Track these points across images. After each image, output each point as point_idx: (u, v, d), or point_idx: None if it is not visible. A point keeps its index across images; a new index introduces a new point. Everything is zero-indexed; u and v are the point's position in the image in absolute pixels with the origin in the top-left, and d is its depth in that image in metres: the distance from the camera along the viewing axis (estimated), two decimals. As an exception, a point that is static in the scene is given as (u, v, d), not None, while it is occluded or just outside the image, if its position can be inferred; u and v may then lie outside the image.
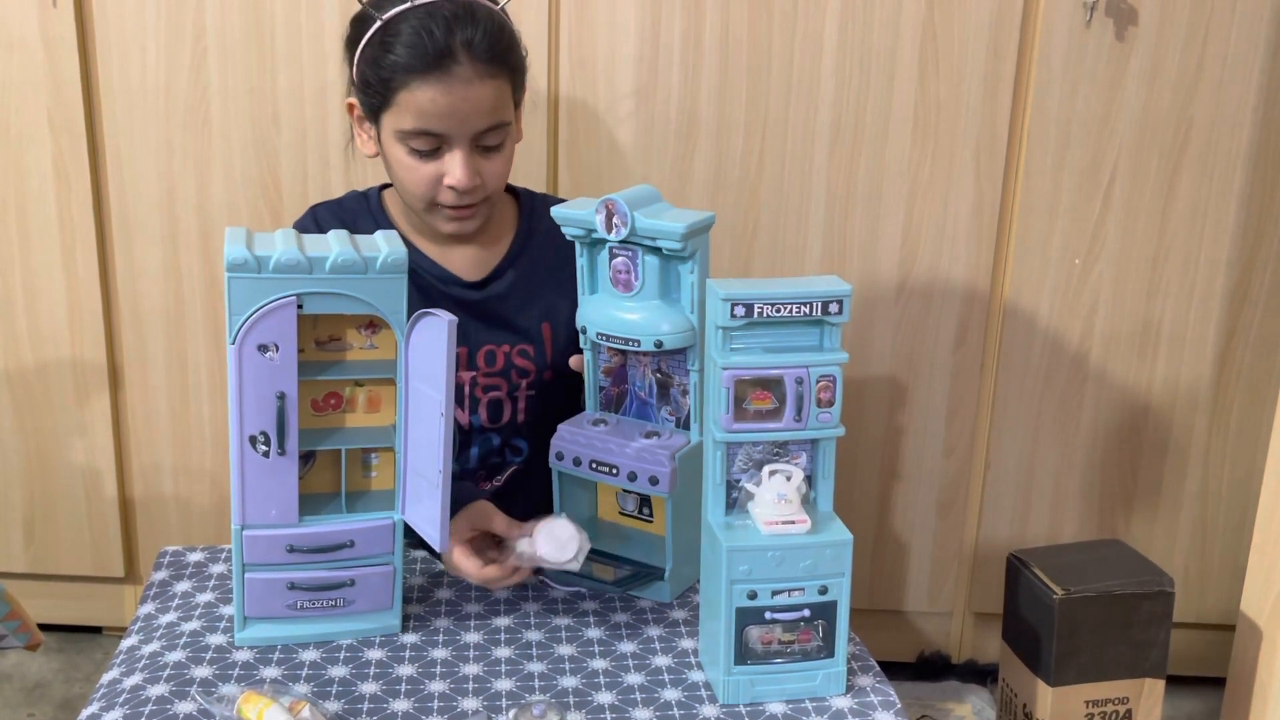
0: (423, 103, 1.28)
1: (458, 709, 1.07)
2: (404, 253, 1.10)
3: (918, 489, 1.91)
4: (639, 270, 1.21)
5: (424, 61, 1.27)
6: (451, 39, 1.27)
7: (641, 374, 1.28)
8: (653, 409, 1.29)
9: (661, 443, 1.22)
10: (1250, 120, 1.73)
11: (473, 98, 1.29)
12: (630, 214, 1.18)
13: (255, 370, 1.08)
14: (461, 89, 1.28)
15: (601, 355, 1.30)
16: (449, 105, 1.28)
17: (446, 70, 1.27)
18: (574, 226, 1.23)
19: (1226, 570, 1.91)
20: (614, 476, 1.23)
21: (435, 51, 1.26)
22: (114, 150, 1.78)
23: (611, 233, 1.20)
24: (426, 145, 1.31)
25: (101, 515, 1.93)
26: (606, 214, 1.19)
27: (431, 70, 1.27)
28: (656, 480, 1.20)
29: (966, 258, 1.80)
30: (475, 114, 1.30)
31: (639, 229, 1.18)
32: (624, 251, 1.22)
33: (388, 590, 1.17)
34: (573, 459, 1.25)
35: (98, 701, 1.08)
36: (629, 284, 1.22)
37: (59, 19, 1.72)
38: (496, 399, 1.47)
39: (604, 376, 1.30)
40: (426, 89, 1.28)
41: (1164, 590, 1.34)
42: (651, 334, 1.20)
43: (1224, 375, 1.84)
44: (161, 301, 1.83)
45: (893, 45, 1.71)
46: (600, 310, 1.24)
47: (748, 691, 1.10)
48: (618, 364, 1.29)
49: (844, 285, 1.07)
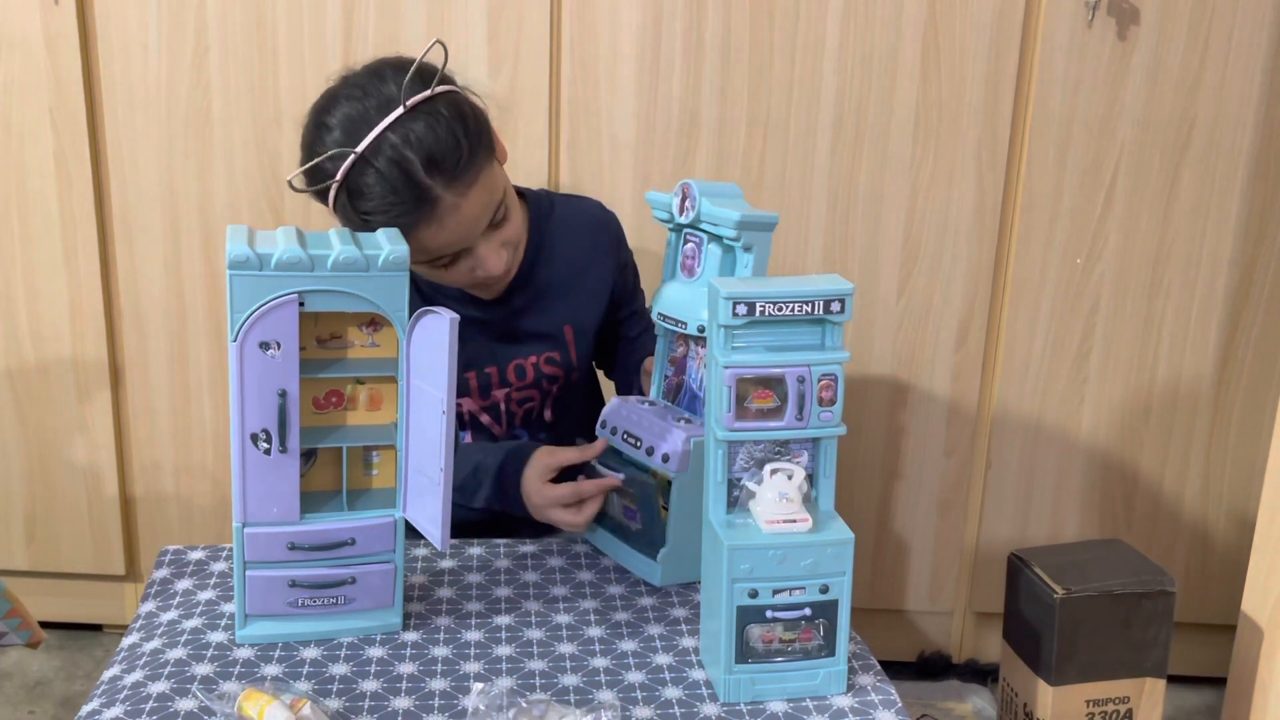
0: (424, 241, 1.25)
1: (458, 707, 1.07)
2: (405, 250, 1.10)
3: (919, 488, 1.91)
4: (702, 256, 1.26)
5: (405, 211, 1.22)
6: (420, 178, 1.21)
7: (697, 366, 1.29)
8: (701, 403, 1.29)
9: (687, 428, 1.24)
10: (1252, 120, 1.73)
11: (468, 213, 1.26)
12: (699, 198, 1.22)
13: (257, 368, 1.08)
14: (453, 216, 1.24)
15: (672, 344, 1.32)
16: (450, 231, 1.26)
17: (432, 209, 1.23)
18: (661, 210, 1.30)
19: (1227, 570, 1.91)
20: (636, 448, 1.26)
21: (413, 200, 1.21)
22: (115, 149, 1.78)
23: (683, 215, 1.25)
24: (447, 259, 1.30)
25: (102, 513, 1.93)
26: (682, 196, 1.25)
27: (416, 215, 1.23)
28: (668, 457, 1.22)
29: (968, 257, 1.80)
30: (477, 221, 1.28)
31: (703, 214, 1.22)
32: (694, 237, 1.27)
33: (389, 588, 1.17)
34: (611, 429, 1.30)
35: (98, 698, 1.08)
36: (692, 269, 1.27)
37: (61, 17, 1.72)
38: (531, 408, 1.48)
39: (670, 365, 1.33)
40: (421, 230, 1.24)
41: (1165, 590, 1.33)
42: (696, 318, 1.23)
43: (1225, 375, 1.84)
44: (163, 299, 1.84)
45: (894, 44, 1.71)
46: (668, 292, 1.30)
47: (748, 690, 1.09)
48: (682, 354, 1.31)
49: (846, 284, 1.07)
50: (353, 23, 1.72)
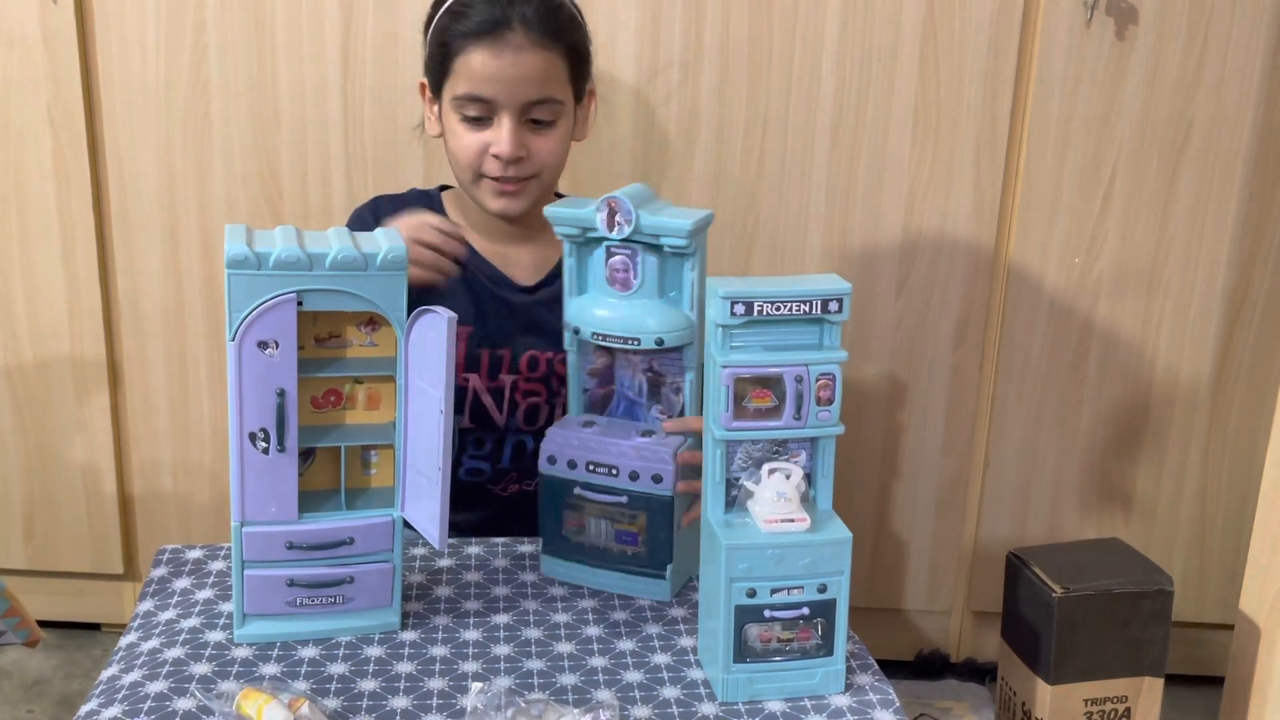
0: (474, 67, 1.34)
1: (456, 706, 1.07)
2: (404, 249, 1.10)
3: (917, 487, 1.91)
4: (638, 268, 1.21)
5: (480, 27, 1.34)
6: (510, 10, 1.34)
7: (631, 374, 1.28)
8: (642, 408, 1.28)
9: (659, 440, 1.22)
10: (1250, 120, 1.73)
11: (523, 64, 1.34)
12: (635, 212, 1.18)
13: (255, 367, 1.08)
14: (511, 55, 1.34)
15: (587, 357, 1.29)
16: (498, 69, 1.34)
17: (499, 36, 1.34)
18: (569, 226, 1.23)
19: (1225, 569, 1.91)
20: (614, 477, 1.22)
21: (491, 19, 1.34)
22: (114, 147, 1.78)
23: (614, 231, 1.20)
24: (476, 111, 1.36)
25: (101, 512, 1.93)
26: (609, 212, 1.20)
27: (485, 35, 1.34)
28: (660, 478, 1.20)
29: (966, 256, 1.80)
30: (523, 81, 1.35)
31: (643, 227, 1.18)
32: (623, 250, 1.21)
33: (387, 587, 1.17)
34: (567, 462, 1.23)
35: (96, 698, 1.08)
36: (627, 282, 1.22)
37: (59, 15, 1.72)
38: (535, 404, 1.47)
39: (589, 378, 1.30)
40: (479, 53, 1.34)
41: (1163, 589, 1.33)
42: (652, 332, 1.20)
43: (1223, 374, 1.84)
44: (161, 298, 1.83)
45: (893, 44, 1.71)
46: (594, 309, 1.24)
47: (746, 689, 1.10)
48: (604, 365, 1.29)
49: (844, 283, 1.07)
50: (351, 22, 1.72)
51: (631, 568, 1.25)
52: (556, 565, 1.29)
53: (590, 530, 1.25)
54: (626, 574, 1.26)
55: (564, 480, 1.24)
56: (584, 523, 1.25)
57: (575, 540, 1.26)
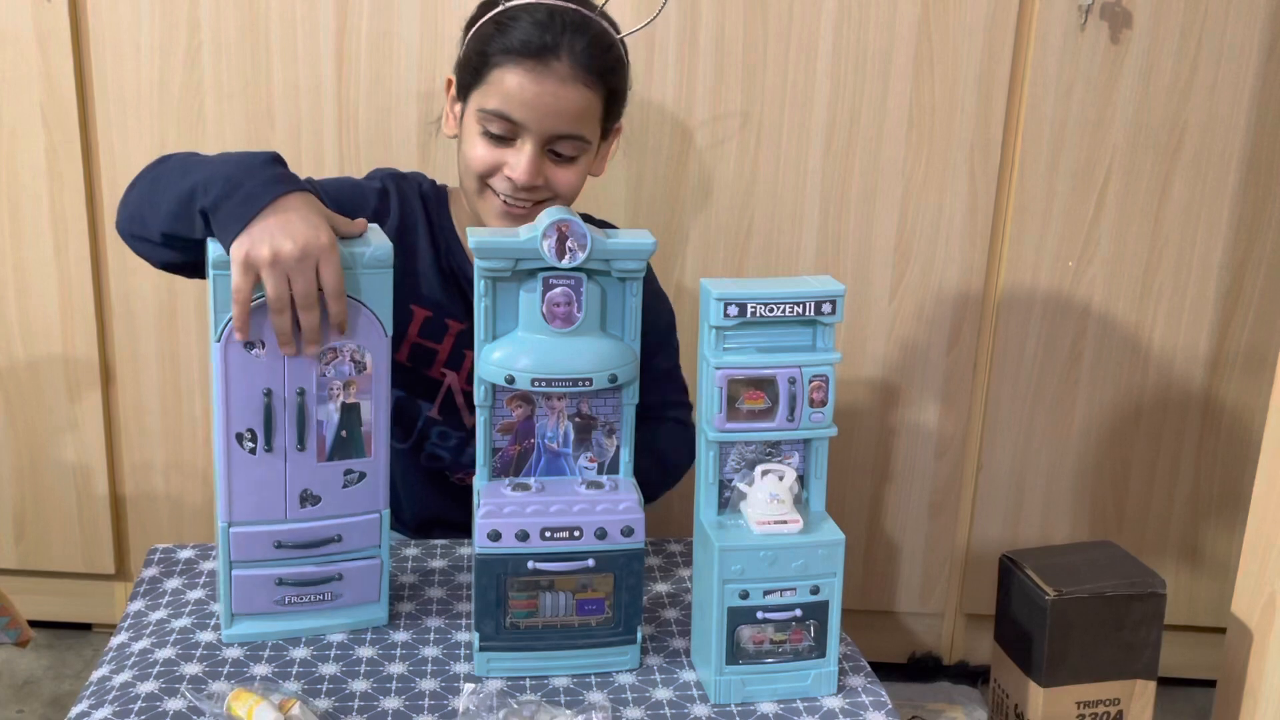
0: (510, 86, 1.29)
1: (448, 707, 1.07)
2: (389, 247, 1.10)
3: (910, 490, 1.91)
4: (582, 301, 1.09)
5: (525, 48, 1.28)
6: (561, 38, 1.28)
7: (555, 422, 1.13)
8: (567, 460, 1.15)
9: (612, 489, 1.12)
10: (1244, 123, 1.73)
11: (561, 96, 1.29)
12: (590, 237, 1.06)
13: (241, 367, 1.08)
14: (553, 85, 1.29)
15: (500, 410, 1.13)
16: (535, 96, 1.29)
17: (543, 62, 1.28)
18: (500, 259, 1.06)
19: (1217, 572, 1.91)
20: (576, 540, 1.08)
21: (540, 43, 1.28)
22: (107, 146, 1.78)
23: (564, 259, 1.07)
24: (500, 130, 1.31)
25: (92, 512, 1.93)
26: (559, 238, 1.06)
27: (528, 57, 1.28)
28: (631, 530, 1.09)
29: (960, 259, 1.80)
30: (556, 114, 1.30)
31: (599, 251, 1.07)
32: (564, 281, 1.08)
33: (374, 583, 1.17)
34: (514, 534, 1.07)
35: (87, 699, 1.08)
36: (569, 317, 1.08)
37: (52, 13, 1.72)
38: None
39: (500, 436, 1.13)
40: (517, 73, 1.29)
41: (1155, 592, 1.34)
42: (604, 369, 1.09)
43: (1216, 377, 1.84)
44: (153, 298, 1.83)
45: (888, 47, 1.71)
46: (528, 353, 1.08)
47: (739, 691, 1.09)
48: (522, 417, 1.13)
49: (837, 285, 1.07)
50: (346, 22, 1.72)
51: (597, 639, 1.12)
52: (501, 661, 1.11)
53: (545, 608, 1.11)
54: (590, 650, 1.12)
55: (513, 556, 1.08)
56: (536, 603, 1.10)
57: (525, 625, 1.11)
